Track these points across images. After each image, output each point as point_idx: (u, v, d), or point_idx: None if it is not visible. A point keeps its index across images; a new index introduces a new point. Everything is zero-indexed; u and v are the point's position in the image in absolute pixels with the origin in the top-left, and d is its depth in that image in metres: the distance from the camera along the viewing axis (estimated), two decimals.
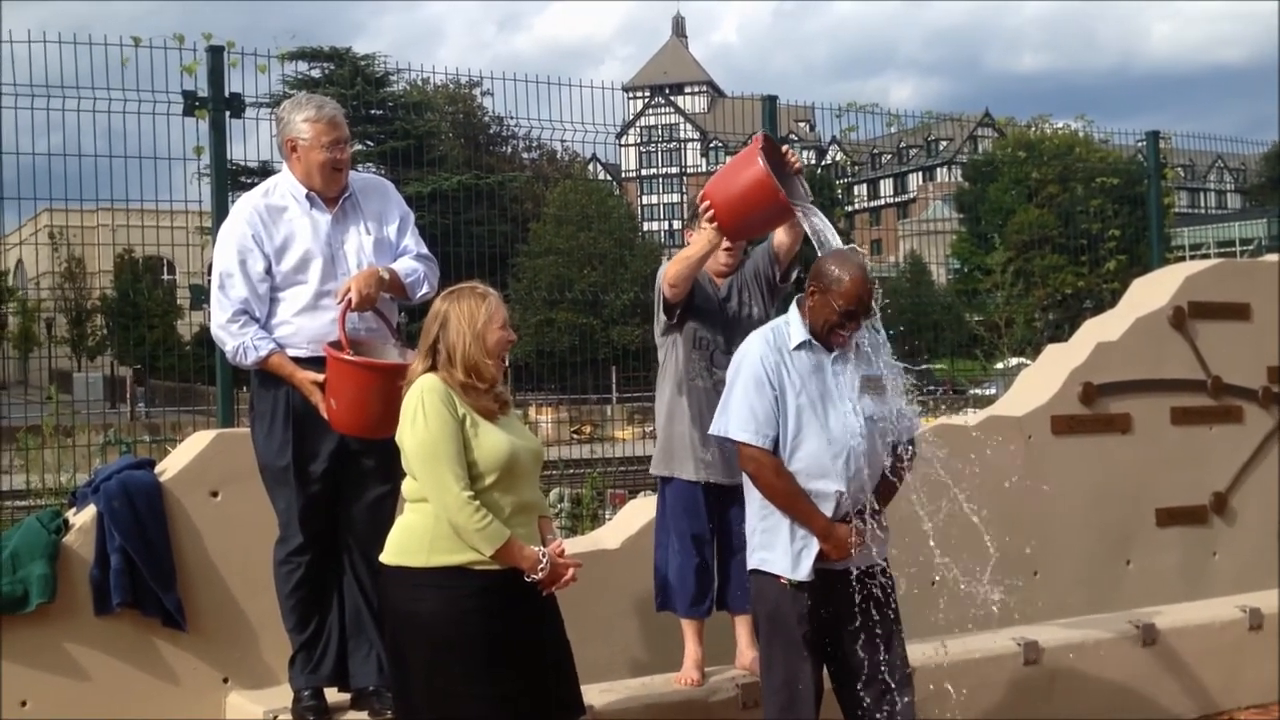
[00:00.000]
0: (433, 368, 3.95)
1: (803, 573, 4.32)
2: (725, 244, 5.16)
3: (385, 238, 4.78)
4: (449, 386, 3.89)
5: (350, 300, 4.49)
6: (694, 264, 5.05)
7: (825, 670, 4.46)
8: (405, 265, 4.74)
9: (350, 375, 4.44)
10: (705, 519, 5.19)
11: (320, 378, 4.53)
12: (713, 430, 4.55)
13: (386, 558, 3.96)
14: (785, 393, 4.36)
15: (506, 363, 4.12)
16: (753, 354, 4.44)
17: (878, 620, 4.35)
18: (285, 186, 4.74)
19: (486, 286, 4.07)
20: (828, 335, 4.39)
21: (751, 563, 4.49)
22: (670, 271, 5.10)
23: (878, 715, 4.38)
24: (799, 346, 4.41)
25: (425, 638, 3.84)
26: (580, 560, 4.05)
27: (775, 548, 4.38)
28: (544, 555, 3.87)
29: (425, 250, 4.86)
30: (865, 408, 4.38)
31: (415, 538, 3.89)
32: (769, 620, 4.45)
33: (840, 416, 4.35)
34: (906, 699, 4.41)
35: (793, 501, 4.32)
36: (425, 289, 4.74)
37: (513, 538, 3.84)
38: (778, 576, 4.37)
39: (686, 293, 5.16)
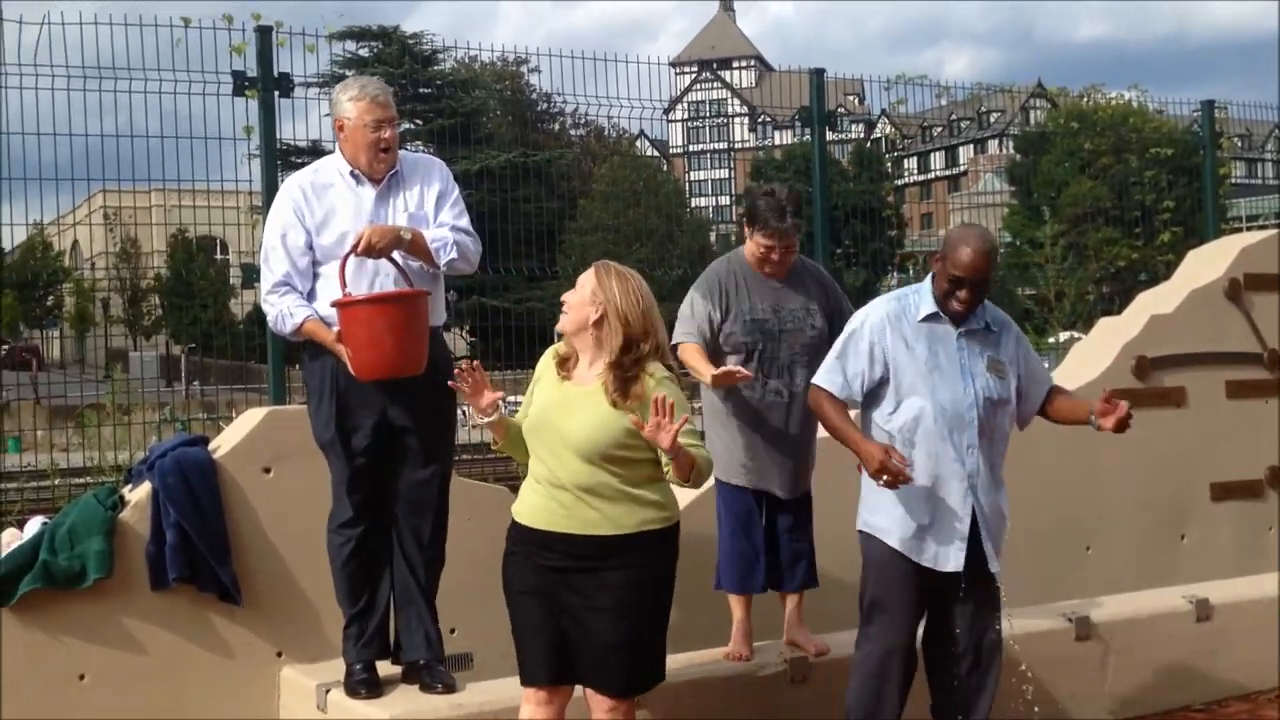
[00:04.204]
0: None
1: (903, 541, 4.39)
2: (769, 272, 5.21)
3: (423, 213, 4.80)
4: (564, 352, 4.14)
5: (356, 248, 4.50)
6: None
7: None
8: (433, 232, 4.74)
9: (352, 315, 4.45)
10: (751, 504, 5.20)
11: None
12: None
13: None
14: (897, 358, 4.43)
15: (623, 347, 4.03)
16: (865, 321, 4.54)
17: (980, 590, 4.44)
18: (333, 164, 4.83)
19: (604, 266, 4.13)
20: (945, 303, 4.44)
21: (858, 523, 4.58)
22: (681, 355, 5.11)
23: (968, 680, 4.47)
24: (925, 319, 4.48)
25: None
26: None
27: (879, 510, 4.44)
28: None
29: (465, 224, 4.82)
30: (987, 387, 4.44)
31: None
32: (872, 583, 4.50)
33: (956, 389, 4.41)
34: (993, 666, 4.52)
35: (835, 424, 4.45)
36: (453, 255, 4.72)
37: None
38: (881, 539, 4.44)
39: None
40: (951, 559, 4.40)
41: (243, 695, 5.09)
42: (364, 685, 4.69)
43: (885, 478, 4.22)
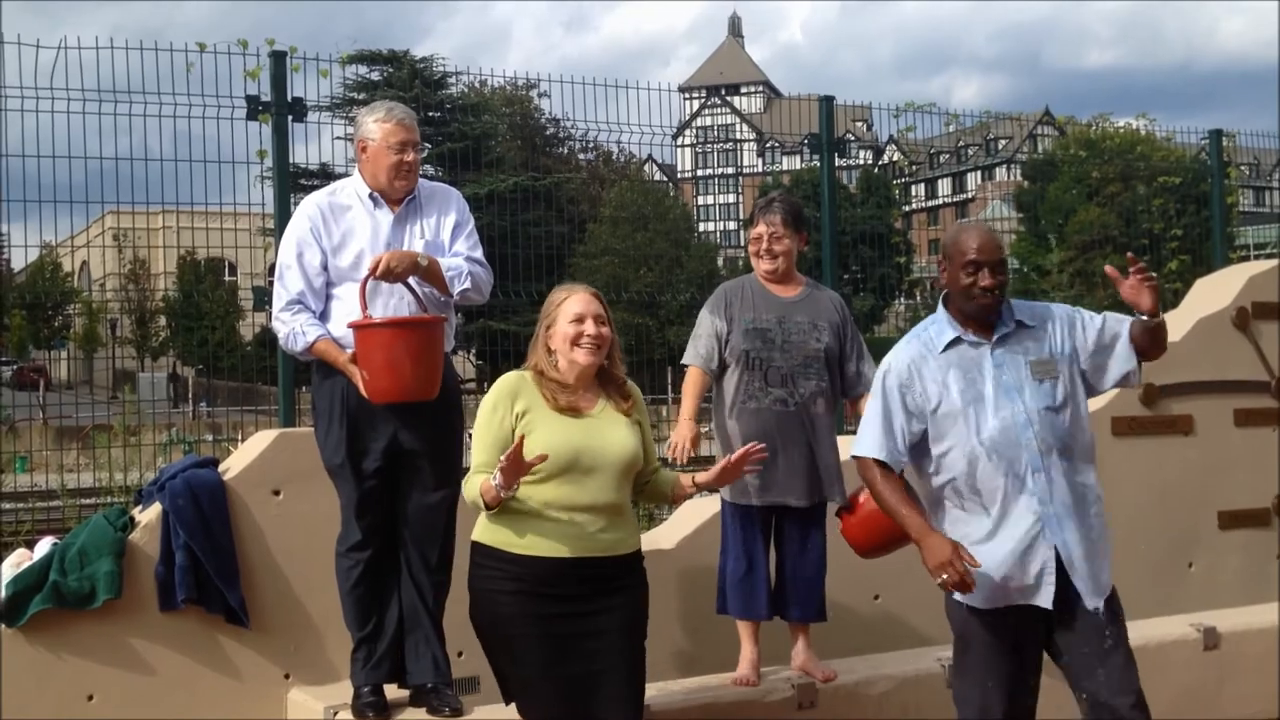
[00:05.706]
0: None
1: (977, 597, 4.00)
2: (766, 268, 5.30)
3: (440, 242, 4.84)
4: (530, 378, 4.07)
5: (374, 271, 4.52)
6: None
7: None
8: (448, 261, 4.77)
9: (371, 338, 4.47)
10: (758, 529, 5.22)
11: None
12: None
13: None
14: (933, 401, 4.03)
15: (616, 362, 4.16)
16: (888, 371, 4.14)
17: (1085, 618, 4.11)
18: (352, 186, 4.86)
19: (586, 286, 4.18)
20: (973, 305, 4.03)
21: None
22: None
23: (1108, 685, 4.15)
24: (948, 348, 4.06)
25: (473, 612, 4.06)
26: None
27: None
28: (497, 476, 3.82)
29: (479, 256, 4.87)
30: (1036, 397, 4.00)
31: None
32: (957, 646, 4.21)
33: (1004, 414, 3.97)
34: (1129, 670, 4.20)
35: (892, 508, 4.04)
36: (466, 285, 4.75)
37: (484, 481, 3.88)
38: (958, 599, 4.07)
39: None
40: (1040, 596, 4.01)
41: (250, 717, 5.10)
42: (371, 708, 4.70)
43: (945, 577, 3.80)
